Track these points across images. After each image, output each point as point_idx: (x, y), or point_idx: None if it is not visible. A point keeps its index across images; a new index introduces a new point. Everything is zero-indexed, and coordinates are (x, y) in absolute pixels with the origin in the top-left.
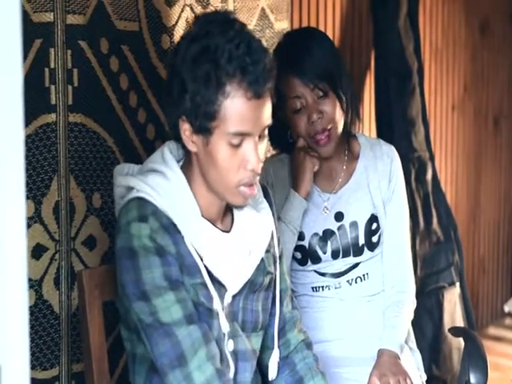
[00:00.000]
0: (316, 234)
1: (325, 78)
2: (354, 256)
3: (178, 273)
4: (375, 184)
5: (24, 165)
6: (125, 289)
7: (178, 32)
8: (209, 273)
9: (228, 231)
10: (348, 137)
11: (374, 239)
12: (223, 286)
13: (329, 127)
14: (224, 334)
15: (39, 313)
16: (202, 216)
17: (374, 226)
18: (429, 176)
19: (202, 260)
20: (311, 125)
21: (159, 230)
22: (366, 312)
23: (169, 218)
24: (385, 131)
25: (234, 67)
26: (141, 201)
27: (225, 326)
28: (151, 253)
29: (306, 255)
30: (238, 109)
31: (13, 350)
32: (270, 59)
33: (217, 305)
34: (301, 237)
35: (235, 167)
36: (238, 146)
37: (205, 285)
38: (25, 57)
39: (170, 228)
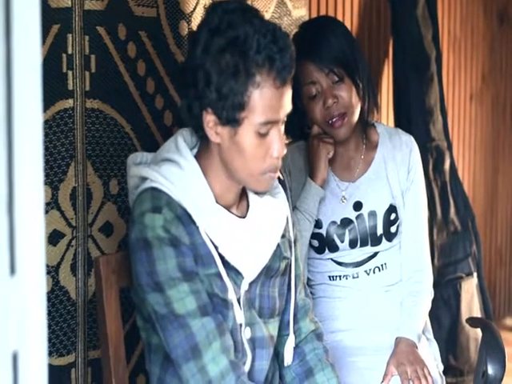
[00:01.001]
0: (334, 223)
1: (340, 63)
2: (372, 246)
3: (192, 263)
4: (394, 174)
5: (42, 150)
6: (139, 280)
7: (196, 18)
8: (224, 262)
9: (243, 217)
10: (366, 125)
11: (393, 229)
12: (240, 273)
13: (343, 112)
14: (241, 323)
15: (56, 299)
16: (217, 203)
17: (393, 216)
18: (446, 165)
19: (217, 249)
20: (326, 110)
21: (173, 221)
22: (383, 302)
23: (183, 207)
24: (403, 120)
25: (262, 57)
26: (154, 191)
27: (240, 316)
28: (165, 244)
29: (323, 243)
30: (268, 98)
31: (30, 336)
32: (293, 46)
33: (231, 295)
34: (318, 225)
35: (261, 155)
36: (265, 134)
37: (219, 275)
38: (42, 42)
39: (184, 218)
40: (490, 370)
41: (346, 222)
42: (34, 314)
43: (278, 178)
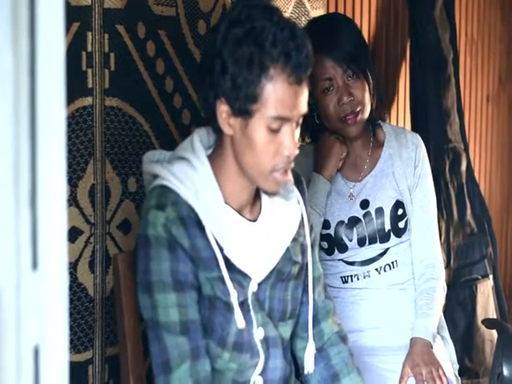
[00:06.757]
0: (342, 222)
1: (355, 60)
2: (381, 242)
3: (186, 270)
4: (400, 171)
5: (65, 146)
6: (137, 277)
7: (215, 18)
8: (230, 264)
9: (254, 220)
10: (373, 125)
11: (401, 225)
12: (246, 275)
13: (357, 110)
14: (252, 322)
15: (74, 295)
16: (228, 204)
17: (400, 211)
18: (463, 167)
19: (222, 252)
20: (341, 106)
21: (175, 221)
22: (397, 300)
23: (190, 208)
24: (419, 121)
25: (278, 51)
26: (163, 189)
27: (240, 321)
28: (162, 245)
29: (332, 244)
30: (280, 93)
31: (52, 330)
32: (310, 46)
33: (233, 299)
34: (327, 225)
35: (272, 152)
36: (276, 131)
37: (222, 279)
38: None
39: (189, 219)
40: (506, 372)
41: (354, 221)
42: (55, 309)
43: (297, 180)
